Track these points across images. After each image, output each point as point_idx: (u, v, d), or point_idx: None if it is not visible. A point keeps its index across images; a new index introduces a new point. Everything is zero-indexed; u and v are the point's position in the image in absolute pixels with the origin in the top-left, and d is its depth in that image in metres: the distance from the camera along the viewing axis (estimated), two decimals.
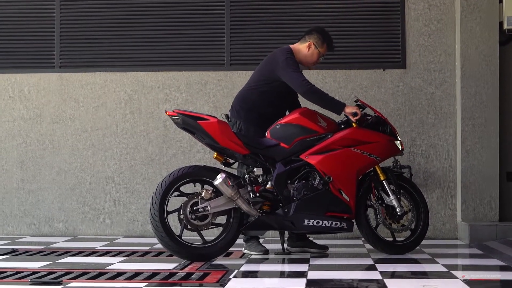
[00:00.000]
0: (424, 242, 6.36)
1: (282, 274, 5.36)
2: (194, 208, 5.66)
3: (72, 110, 7.64)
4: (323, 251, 6.20)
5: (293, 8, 7.44)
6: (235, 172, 6.03)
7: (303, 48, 6.15)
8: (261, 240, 6.28)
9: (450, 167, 7.29)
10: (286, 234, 6.23)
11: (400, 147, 6.11)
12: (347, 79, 7.42)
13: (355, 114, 5.89)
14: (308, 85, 5.90)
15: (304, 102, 6.36)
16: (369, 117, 6.14)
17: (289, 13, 7.31)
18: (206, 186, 5.77)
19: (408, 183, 6.26)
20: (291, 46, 6.19)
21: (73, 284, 4.78)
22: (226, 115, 6.08)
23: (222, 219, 5.82)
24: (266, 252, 6.02)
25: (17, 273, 5.15)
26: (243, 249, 6.12)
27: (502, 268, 5.40)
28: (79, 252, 6.26)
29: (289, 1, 7.49)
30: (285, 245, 6.17)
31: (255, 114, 6.07)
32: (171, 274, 5.14)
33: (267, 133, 5.94)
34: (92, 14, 7.67)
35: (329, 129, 5.97)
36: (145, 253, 6.25)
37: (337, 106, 5.95)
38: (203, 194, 5.67)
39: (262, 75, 6.10)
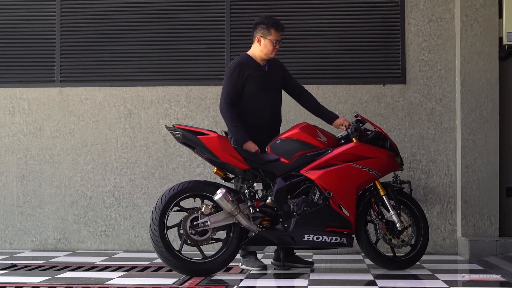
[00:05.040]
0: (424, 257, 6.35)
1: None
2: (194, 223, 5.66)
3: (72, 125, 7.64)
4: (309, 266, 6.14)
5: (294, 23, 7.45)
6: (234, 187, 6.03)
7: (256, 46, 6.12)
8: (260, 256, 6.25)
9: (450, 182, 7.29)
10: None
11: (400, 163, 6.11)
12: (347, 94, 7.42)
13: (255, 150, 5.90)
14: (224, 109, 6.00)
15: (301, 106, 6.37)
16: (369, 132, 6.14)
17: (289, 28, 7.31)
18: (206, 201, 5.77)
19: (408, 199, 6.25)
20: (248, 52, 6.18)
21: None
22: (225, 132, 6.08)
23: (222, 234, 5.81)
24: (264, 267, 6.01)
25: None
26: (240, 264, 6.10)
27: (502, 284, 5.38)
28: (79, 267, 6.25)
29: (290, 16, 7.50)
30: (272, 260, 6.16)
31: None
32: None
33: (267, 148, 5.94)
34: (93, 28, 7.68)
35: (329, 144, 5.98)
36: (145, 268, 6.23)
37: (238, 138, 5.94)
38: (203, 209, 5.66)
39: None
